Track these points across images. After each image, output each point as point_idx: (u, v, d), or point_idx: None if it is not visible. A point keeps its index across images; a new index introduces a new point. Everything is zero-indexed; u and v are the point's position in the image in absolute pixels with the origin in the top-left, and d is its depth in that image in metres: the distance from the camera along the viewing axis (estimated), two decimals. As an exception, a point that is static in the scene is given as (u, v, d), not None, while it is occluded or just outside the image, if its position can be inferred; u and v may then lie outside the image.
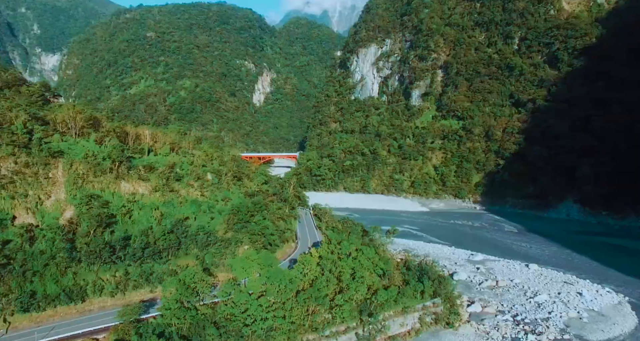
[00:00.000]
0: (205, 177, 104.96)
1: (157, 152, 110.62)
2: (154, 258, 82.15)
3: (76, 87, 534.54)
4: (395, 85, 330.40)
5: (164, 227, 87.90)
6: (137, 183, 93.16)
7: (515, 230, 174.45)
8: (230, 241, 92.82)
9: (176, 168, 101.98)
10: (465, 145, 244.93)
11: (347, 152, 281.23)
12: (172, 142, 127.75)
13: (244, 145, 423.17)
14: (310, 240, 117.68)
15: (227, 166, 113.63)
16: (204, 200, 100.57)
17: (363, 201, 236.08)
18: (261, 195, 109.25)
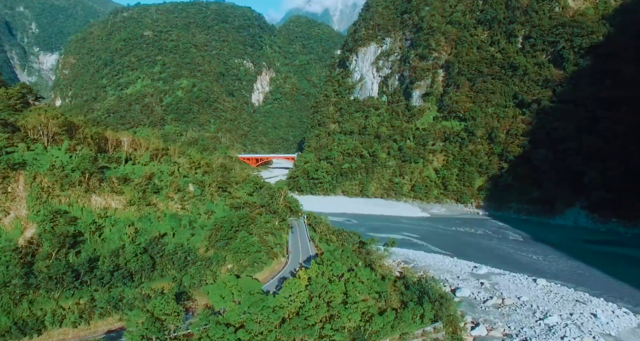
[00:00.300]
0: (186, 188, 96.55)
1: (136, 160, 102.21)
2: (125, 281, 73.75)
3: (73, 87, 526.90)
4: (395, 85, 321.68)
5: (138, 245, 79.65)
6: (110, 196, 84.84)
7: (521, 238, 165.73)
8: (211, 260, 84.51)
9: (154, 179, 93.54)
10: (467, 148, 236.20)
11: (346, 154, 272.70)
12: (156, 149, 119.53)
13: (241, 146, 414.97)
14: (302, 254, 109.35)
15: (212, 176, 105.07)
16: (185, 214, 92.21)
17: (362, 206, 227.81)
18: (248, 207, 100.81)
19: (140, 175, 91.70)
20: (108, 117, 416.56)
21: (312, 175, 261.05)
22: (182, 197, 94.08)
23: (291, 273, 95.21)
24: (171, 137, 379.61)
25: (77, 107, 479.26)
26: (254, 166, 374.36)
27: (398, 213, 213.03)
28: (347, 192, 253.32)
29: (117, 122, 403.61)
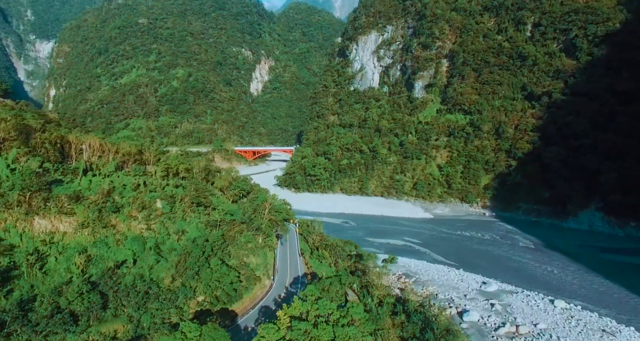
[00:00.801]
0: (153, 204, 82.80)
1: (98, 171, 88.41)
2: (67, 326, 60.54)
3: (67, 76, 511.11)
4: (397, 75, 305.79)
5: (88, 278, 66.26)
6: (57, 218, 71.14)
7: (532, 245, 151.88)
8: (178, 293, 71.16)
9: (114, 196, 79.81)
10: (472, 143, 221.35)
11: (345, 150, 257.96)
12: (127, 154, 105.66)
13: (238, 138, 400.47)
14: (290, 274, 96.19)
15: (186, 189, 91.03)
16: (151, 236, 78.62)
17: (361, 205, 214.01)
18: (226, 225, 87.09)
19: (96, 192, 77.90)
20: (101, 108, 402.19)
21: (309, 172, 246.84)
22: (148, 215, 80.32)
23: (275, 301, 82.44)
24: (165, 129, 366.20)
25: (71, 97, 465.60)
26: (250, 159, 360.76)
27: (399, 213, 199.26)
28: (345, 189, 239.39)
29: (110, 114, 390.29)
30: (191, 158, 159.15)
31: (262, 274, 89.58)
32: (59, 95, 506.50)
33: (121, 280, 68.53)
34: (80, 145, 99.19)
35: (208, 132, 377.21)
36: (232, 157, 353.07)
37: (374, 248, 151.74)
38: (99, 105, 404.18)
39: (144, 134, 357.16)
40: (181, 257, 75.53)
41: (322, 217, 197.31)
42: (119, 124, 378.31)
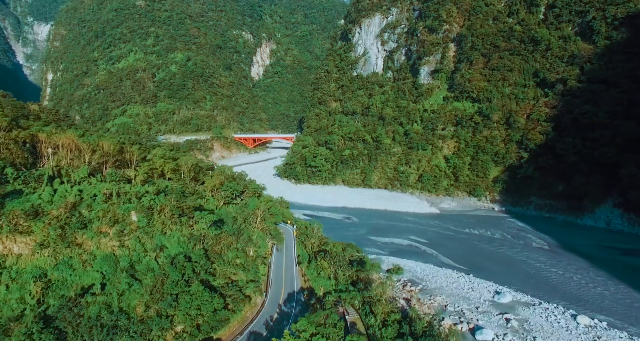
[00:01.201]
0: (128, 217, 72.34)
1: (68, 177, 77.83)
2: (13, 376, 50.90)
3: (64, 60, 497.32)
4: (401, 60, 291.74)
5: (44, 311, 56.39)
6: (10, 238, 61.00)
7: (546, 245, 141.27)
8: (152, 324, 61.21)
9: (81, 209, 69.32)
10: (481, 133, 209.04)
11: (347, 139, 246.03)
12: (106, 155, 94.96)
13: (238, 124, 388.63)
14: (285, 289, 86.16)
15: (169, 196, 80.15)
16: (124, 254, 68.43)
17: (363, 198, 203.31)
18: (210, 240, 76.71)
19: (58, 205, 67.39)
20: (98, 93, 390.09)
21: (309, 163, 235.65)
22: (121, 230, 69.91)
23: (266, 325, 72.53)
24: (163, 115, 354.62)
25: (68, 82, 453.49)
26: (251, 146, 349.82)
27: (404, 208, 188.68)
28: (347, 181, 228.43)
29: (107, 99, 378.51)
30: (182, 153, 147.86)
31: (253, 291, 79.52)
32: (56, 80, 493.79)
33: (84, 312, 58.53)
34: (51, 146, 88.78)
35: (207, 118, 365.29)
36: (232, 144, 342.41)
37: (377, 248, 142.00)
38: (95, 91, 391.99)
39: (141, 121, 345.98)
40: (157, 280, 65.39)
41: (323, 211, 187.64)
42: (115, 110, 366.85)
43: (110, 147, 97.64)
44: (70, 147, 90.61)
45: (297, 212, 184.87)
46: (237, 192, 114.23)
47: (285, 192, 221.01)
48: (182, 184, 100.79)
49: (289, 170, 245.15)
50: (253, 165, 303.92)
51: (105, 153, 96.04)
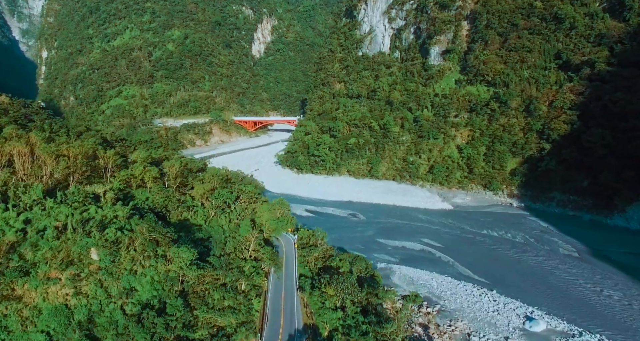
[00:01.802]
0: (86, 256, 57.32)
1: (15, 199, 62.51)
2: None
3: (58, 37, 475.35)
4: (410, 39, 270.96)
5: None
6: None
7: (575, 252, 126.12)
8: None
9: (21, 250, 54.33)
10: (498, 121, 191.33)
11: (352, 125, 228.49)
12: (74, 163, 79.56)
13: (238, 106, 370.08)
14: (284, 327, 71.82)
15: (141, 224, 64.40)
16: (81, 305, 53.82)
17: (370, 192, 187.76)
18: (191, 279, 61.75)
19: (-9, 247, 52.38)
20: (92, 73, 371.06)
21: (312, 151, 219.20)
22: (77, 273, 55.16)
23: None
24: (160, 97, 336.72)
25: (62, 60, 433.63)
26: (251, 130, 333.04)
27: (414, 203, 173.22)
28: (353, 172, 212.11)
29: (102, 80, 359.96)
30: (171, 150, 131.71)
31: (245, 336, 65.14)
32: (51, 58, 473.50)
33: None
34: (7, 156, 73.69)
35: (206, 100, 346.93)
36: (232, 127, 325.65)
37: (387, 254, 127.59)
38: (89, 70, 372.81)
39: (137, 103, 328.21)
40: (119, 344, 50.94)
41: (327, 207, 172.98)
42: (111, 91, 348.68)
43: (79, 155, 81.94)
44: (27, 158, 75.31)
45: (299, 207, 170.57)
46: (230, 200, 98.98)
47: (286, 182, 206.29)
48: (164, 197, 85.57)
49: (290, 159, 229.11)
50: (254, 150, 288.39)
51: (73, 162, 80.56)
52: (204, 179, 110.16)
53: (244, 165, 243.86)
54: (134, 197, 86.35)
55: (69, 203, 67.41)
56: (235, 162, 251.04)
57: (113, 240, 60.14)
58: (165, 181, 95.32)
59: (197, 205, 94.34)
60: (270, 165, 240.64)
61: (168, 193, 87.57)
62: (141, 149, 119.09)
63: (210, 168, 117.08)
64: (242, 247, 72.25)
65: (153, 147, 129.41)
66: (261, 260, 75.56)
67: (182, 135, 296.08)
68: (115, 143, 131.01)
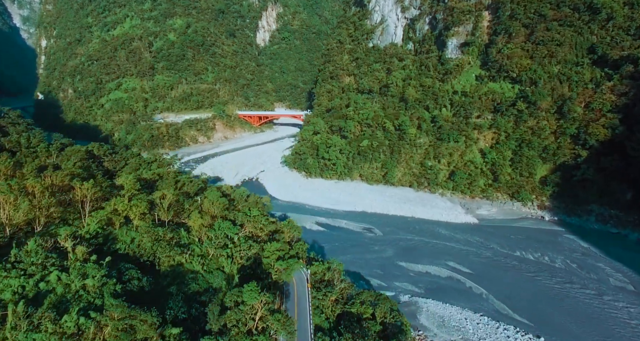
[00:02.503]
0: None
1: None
2: None
3: (57, 26, 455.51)
4: (424, 30, 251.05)
5: None
6: None
7: (629, 284, 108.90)
8: None
9: None
10: (526, 124, 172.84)
11: (365, 125, 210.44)
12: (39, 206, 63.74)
13: (242, 99, 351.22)
14: None
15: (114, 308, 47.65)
16: None
17: (386, 200, 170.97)
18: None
19: None
20: (91, 64, 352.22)
21: (322, 154, 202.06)
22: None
23: None
24: (160, 91, 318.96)
25: (60, 50, 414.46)
26: (256, 125, 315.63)
27: (435, 215, 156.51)
28: (366, 176, 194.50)
29: (101, 71, 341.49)
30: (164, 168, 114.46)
31: None
32: (50, 47, 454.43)
33: None
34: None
35: (209, 93, 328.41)
36: (236, 123, 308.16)
37: (410, 283, 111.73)
38: (88, 62, 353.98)
39: (137, 97, 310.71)
40: None
41: (339, 219, 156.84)
42: (110, 84, 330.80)
43: (47, 192, 65.75)
44: (-24, 200, 59.27)
45: (308, 219, 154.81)
46: (232, 232, 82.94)
47: (294, 188, 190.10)
48: (153, 239, 69.58)
49: (298, 161, 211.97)
50: (259, 148, 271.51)
51: (39, 201, 64.51)
52: (203, 204, 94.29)
53: (248, 165, 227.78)
54: (117, 238, 70.67)
55: (24, 266, 51.63)
56: (239, 161, 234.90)
57: (74, 331, 44.14)
58: (156, 215, 79.25)
59: (193, 242, 78.67)
60: (277, 167, 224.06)
61: (158, 234, 71.50)
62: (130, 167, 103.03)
63: (210, 190, 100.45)
64: (246, 317, 56.27)
65: (146, 163, 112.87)
66: (270, 328, 59.82)
67: (184, 131, 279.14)
68: (104, 158, 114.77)
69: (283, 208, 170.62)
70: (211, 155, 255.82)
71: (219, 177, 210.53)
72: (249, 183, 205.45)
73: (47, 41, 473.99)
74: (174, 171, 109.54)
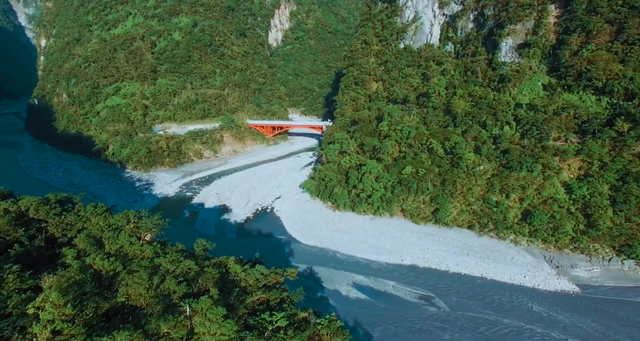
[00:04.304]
0: None
1: None
2: None
3: (56, 24, 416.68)
4: (468, 28, 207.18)
5: None
6: None
7: None
8: None
9: None
10: (630, 150, 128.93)
11: (406, 145, 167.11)
12: None
13: (254, 106, 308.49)
14: None
15: None
16: None
17: (440, 249, 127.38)
18: None
19: None
20: (88, 66, 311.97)
21: (353, 182, 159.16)
22: None
23: None
24: (162, 97, 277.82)
25: (58, 50, 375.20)
26: (270, 136, 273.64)
27: (515, 277, 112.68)
28: (410, 213, 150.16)
29: (98, 75, 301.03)
30: (140, 241, 72.29)
31: None
32: (49, 47, 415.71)
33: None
34: None
35: (216, 99, 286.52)
36: (246, 134, 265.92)
37: None
38: (85, 63, 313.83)
39: (136, 103, 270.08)
40: None
41: (384, 277, 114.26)
42: (107, 88, 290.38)
43: None
44: None
45: (342, 278, 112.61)
46: None
47: (319, 226, 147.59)
48: None
49: (322, 189, 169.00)
50: (273, 165, 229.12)
51: None
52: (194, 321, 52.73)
53: (262, 189, 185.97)
54: None
55: None
56: (251, 184, 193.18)
57: None
58: None
59: None
60: (295, 192, 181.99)
61: None
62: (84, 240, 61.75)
63: (203, 301, 57.93)
64: None
65: (113, 228, 70.97)
66: None
67: (187, 145, 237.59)
68: (52, 217, 73.13)
69: (307, 256, 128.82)
70: (218, 174, 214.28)
71: (226, 207, 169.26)
72: (262, 215, 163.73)
73: (46, 40, 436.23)
74: (152, 247, 67.51)
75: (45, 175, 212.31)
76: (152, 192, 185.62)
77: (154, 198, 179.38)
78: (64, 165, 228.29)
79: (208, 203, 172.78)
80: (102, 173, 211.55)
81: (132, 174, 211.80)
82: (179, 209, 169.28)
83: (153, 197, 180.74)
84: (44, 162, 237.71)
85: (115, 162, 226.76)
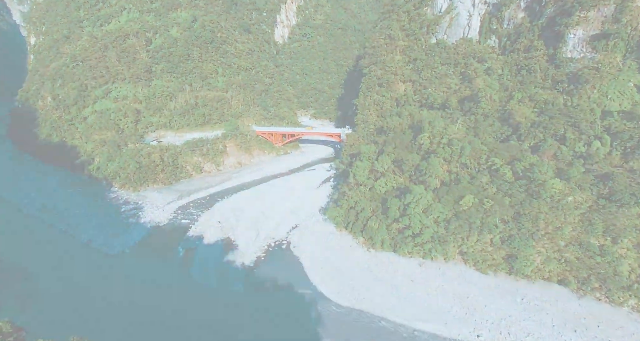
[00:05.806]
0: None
1: None
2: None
3: (45, 21, 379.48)
4: (517, 18, 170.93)
5: None
6: None
7: None
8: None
9: None
10: None
11: (459, 165, 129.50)
12: None
13: (260, 110, 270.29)
14: None
15: None
16: None
17: (525, 316, 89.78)
18: None
19: None
20: (75, 66, 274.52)
21: (394, 215, 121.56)
22: None
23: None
24: (157, 101, 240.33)
25: (46, 49, 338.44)
26: (279, 145, 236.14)
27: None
28: (472, 257, 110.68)
29: (86, 75, 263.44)
30: None
31: None
32: (38, 45, 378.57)
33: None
34: None
35: (218, 103, 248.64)
36: (253, 143, 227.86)
37: None
38: (72, 63, 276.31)
39: (127, 108, 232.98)
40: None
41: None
42: (96, 91, 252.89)
43: None
44: None
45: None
46: None
47: (353, 275, 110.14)
48: None
49: (352, 220, 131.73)
50: (285, 181, 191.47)
51: None
52: None
53: (274, 217, 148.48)
54: None
55: None
56: (260, 207, 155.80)
57: None
58: None
59: None
60: (315, 219, 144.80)
61: None
62: None
63: None
64: None
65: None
66: None
67: (185, 157, 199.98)
68: None
69: (342, 326, 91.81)
70: (220, 193, 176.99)
71: (231, 242, 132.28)
72: (276, 253, 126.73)
73: (35, 38, 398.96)
74: None
75: (16, 195, 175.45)
76: (140, 220, 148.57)
77: (141, 228, 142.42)
78: (40, 183, 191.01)
79: (208, 236, 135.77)
80: (83, 194, 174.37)
81: (119, 194, 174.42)
82: (171, 245, 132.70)
83: (140, 227, 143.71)
84: (19, 177, 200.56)
85: (100, 178, 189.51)
